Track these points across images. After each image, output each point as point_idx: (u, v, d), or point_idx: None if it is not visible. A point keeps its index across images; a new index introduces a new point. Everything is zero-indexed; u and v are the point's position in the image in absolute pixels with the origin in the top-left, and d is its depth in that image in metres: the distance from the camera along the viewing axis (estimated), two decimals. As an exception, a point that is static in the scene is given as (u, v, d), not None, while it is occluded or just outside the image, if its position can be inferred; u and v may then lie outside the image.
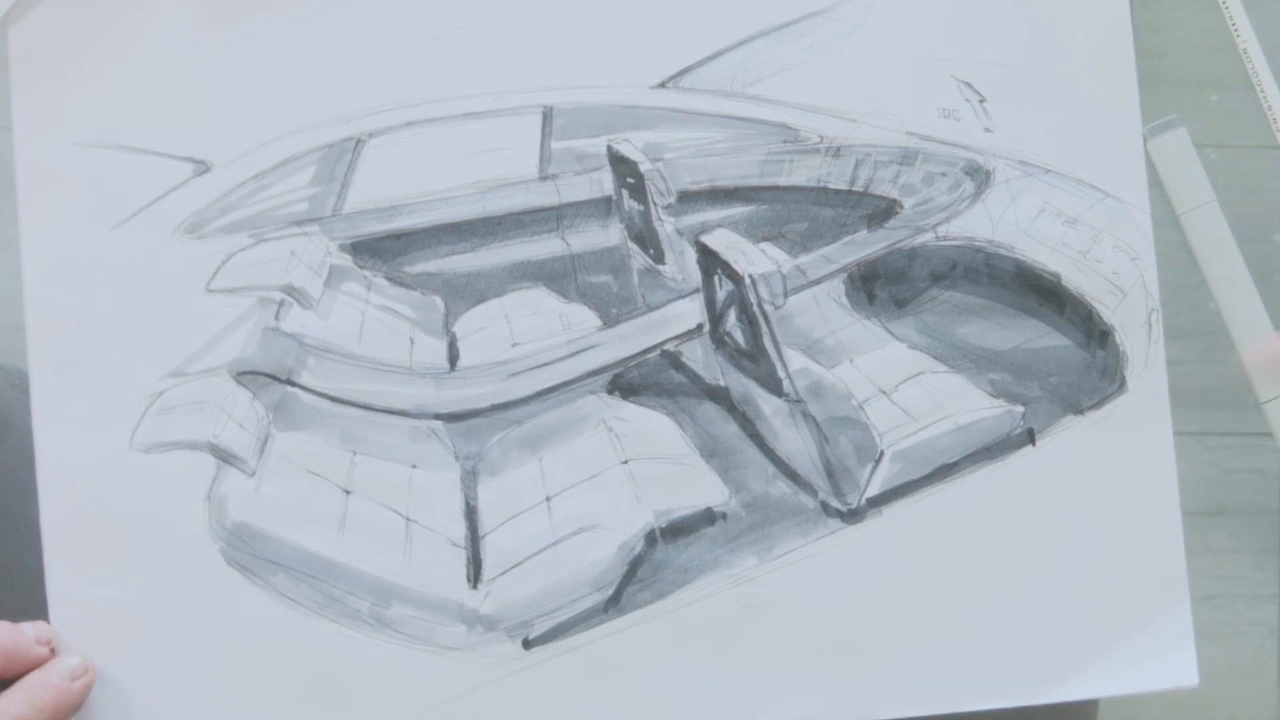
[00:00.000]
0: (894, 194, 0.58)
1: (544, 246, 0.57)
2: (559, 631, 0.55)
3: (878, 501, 0.56)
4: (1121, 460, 0.57)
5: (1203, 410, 0.59)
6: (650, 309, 0.57)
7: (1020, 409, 0.57)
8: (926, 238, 0.58)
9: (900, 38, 0.58)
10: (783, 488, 0.56)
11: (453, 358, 0.56)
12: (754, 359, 0.57)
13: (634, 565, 0.55)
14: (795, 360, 0.57)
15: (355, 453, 0.55)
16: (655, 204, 0.57)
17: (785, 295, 0.56)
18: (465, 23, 0.56)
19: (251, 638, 0.54)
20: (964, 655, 0.56)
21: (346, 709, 0.55)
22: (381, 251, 0.56)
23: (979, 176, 0.58)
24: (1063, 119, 0.58)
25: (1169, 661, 0.57)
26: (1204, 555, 0.58)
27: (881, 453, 0.56)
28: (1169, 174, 0.59)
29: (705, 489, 0.56)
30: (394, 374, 0.56)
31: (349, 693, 0.55)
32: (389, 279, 0.56)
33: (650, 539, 0.55)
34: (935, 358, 0.57)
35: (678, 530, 0.55)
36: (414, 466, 0.55)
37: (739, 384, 0.57)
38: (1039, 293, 0.58)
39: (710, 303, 0.57)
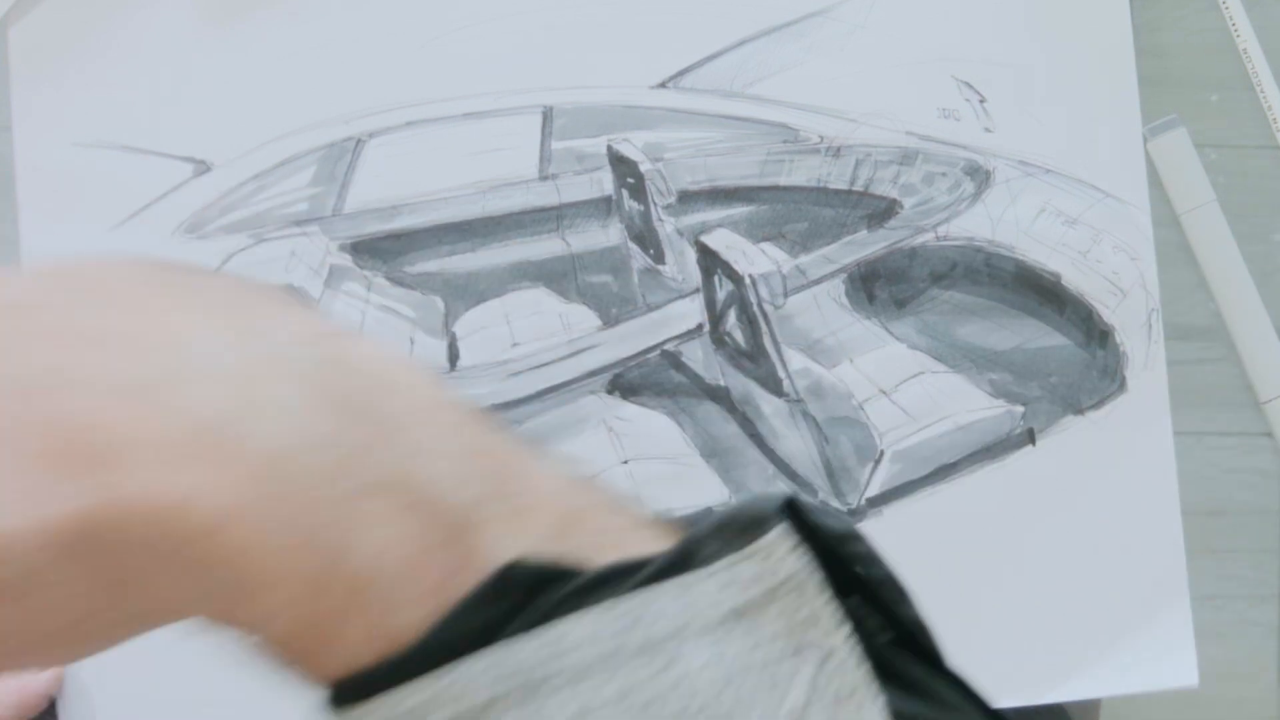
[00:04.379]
0: (894, 194, 0.58)
1: (544, 246, 0.57)
2: (559, 631, 0.55)
3: (878, 501, 0.56)
4: (1121, 460, 0.57)
5: (1203, 410, 0.59)
6: (650, 309, 0.57)
7: (1020, 409, 0.57)
8: (926, 238, 0.58)
9: (900, 38, 0.58)
10: (783, 488, 0.56)
11: (453, 358, 0.56)
12: (754, 359, 0.57)
13: (634, 565, 0.55)
14: (795, 360, 0.57)
15: (355, 453, 0.55)
16: (655, 204, 0.57)
17: (785, 295, 0.56)
18: (465, 23, 0.56)
19: (251, 638, 0.54)
20: (964, 655, 0.56)
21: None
22: (381, 251, 0.56)
23: (979, 176, 0.58)
24: (1063, 119, 0.58)
25: (1169, 661, 0.57)
26: (1204, 555, 0.58)
27: (881, 453, 0.56)
28: (1169, 174, 0.59)
29: (705, 489, 0.56)
30: (394, 374, 0.56)
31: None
32: (389, 279, 0.56)
33: (650, 539, 0.55)
34: (935, 358, 0.57)
35: (678, 530, 0.55)
36: (414, 466, 0.55)
37: (739, 384, 0.57)
38: (1039, 293, 0.58)
39: (710, 303, 0.57)
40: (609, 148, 0.57)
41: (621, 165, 0.57)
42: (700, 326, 0.57)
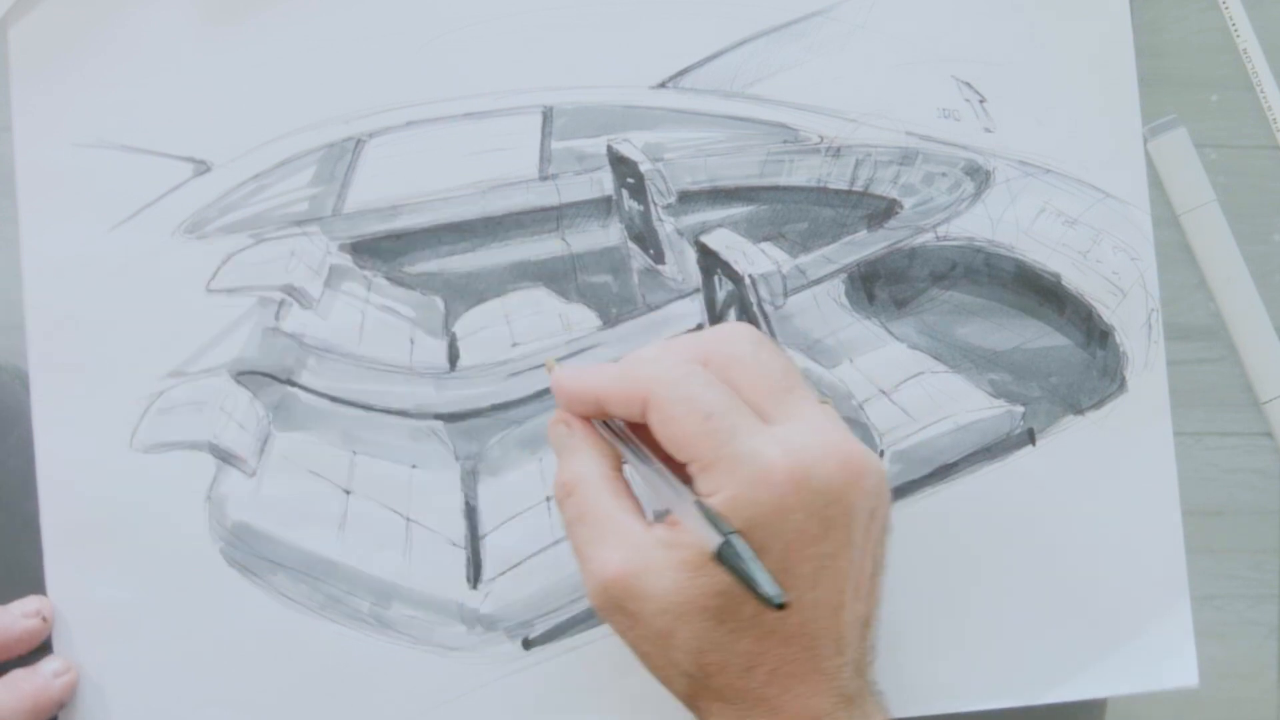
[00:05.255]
0: (894, 194, 0.58)
1: (544, 246, 0.57)
2: (559, 631, 0.55)
3: (878, 501, 0.56)
4: (1121, 460, 0.57)
5: (1203, 410, 0.59)
6: (650, 309, 0.57)
7: (1020, 409, 0.57)
8: (926, 238, 0.58)
9: (900, 38, 0.58)
10: None
11: (453, 358, 0.56)
12: (754, 359, 0.57)
13: (634, 565, 0.55)
14: (795, 360, 0.57)
15: (355, 453, 0.55)
16: (655, 204, 0.57)
17: (785, 295, 0.56)
18: (465, 23, 0.56)
19: (251, 638, 0.54)
20: (964, 655, 0.56)
21: (346, 709, 0.55)
22: (381, 251, 0.56)
23: (979, 176, 0.58)
24: (1063, 119, 0.58)
25: (1169, 661, 0.57)
26: (1204, 555, 0.58)
27: (881, 453, 0.56)
28: (1169, 174, 0.59)
29: (705, 489, 0.56)
30: (394, 374, 0.56)
31: (349, 693, 0.55)
32: (389, 279, 0.56)
33: (650, 539, 0.55)
34: (935, 358, 0.57)
35: (678, 530, 0.55)
36: (414, 466, 0.55)
37: (739, 384, 0.57)
38: (1039, 293, 0.58)
39: (710, 303, 0.57)
40: (609, 148, 0.57)
41: (621, 165, 0.57)
42: (700, 326, 0.57)
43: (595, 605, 0.46)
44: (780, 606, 0.41)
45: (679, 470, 0.46)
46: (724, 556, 0.42)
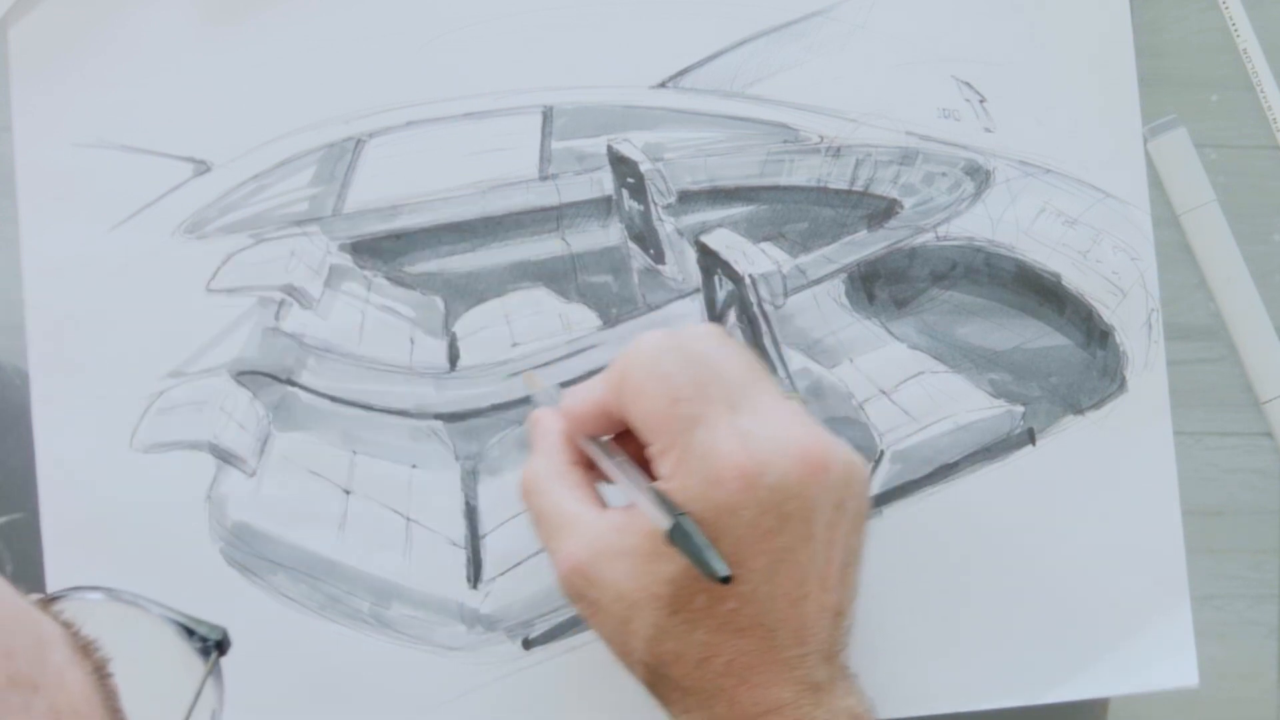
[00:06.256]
0: (894, 194, 0.58)
1: (544, 246, 0.57)
2: (559, 631, 0.55)
3: (878, 502, 0.56)
4: (1121, 460, 0.57)
5: (1203, 410, 0.59)
6: (650, 309, 0.57)
7: (1020, 409, 0.57)
8: (926, 238, 0.58)
9: (900, 38, 0.58)
10: None
11: (453, 358, 0.56)
12: (754, 359, 0.57)
13: (634, 565, 0.55)
14: (795, 360, 0.57)
15: (355, 453, 0.55)
16: (655, 204, 0.57)
17: (785, 295, 0.56)
18: (465, 23, 0.56)
19: (251, 638, 0.54)
20: (964, 655, 0.56)
21: (346, 709, 0.55)
22: (381, 251, 0.56)
23: (979, 176, 0.58)
24: (1063, 119, 0.58)
25: (1169, 661, 0.57)
26: (1204, 555, 0.58)
27: (881, 453, 0.56)
28: (1169, 174, 0.59)
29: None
30: (394, 374, 0.56)
31: (349, 693, 0.55)
32: (389, 279, 0.56)
33: (650, 539, 0.55)
34: (935, 358, 0.57)
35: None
36: (414, 466, 0.55)
37: (739, 384, 0.57)
38: (1039, 293, 0.58)
39: (710, 303, 0.57)
40: (609, 148, 0.57)
41: (621, 165, 0.57)
42: (700, 326, 0.57)
43: (566, 597, 0.47)
44: (726, 580, 0.42)
45: (642, 453, 0.47)
46: (674, 537, 0.43)
